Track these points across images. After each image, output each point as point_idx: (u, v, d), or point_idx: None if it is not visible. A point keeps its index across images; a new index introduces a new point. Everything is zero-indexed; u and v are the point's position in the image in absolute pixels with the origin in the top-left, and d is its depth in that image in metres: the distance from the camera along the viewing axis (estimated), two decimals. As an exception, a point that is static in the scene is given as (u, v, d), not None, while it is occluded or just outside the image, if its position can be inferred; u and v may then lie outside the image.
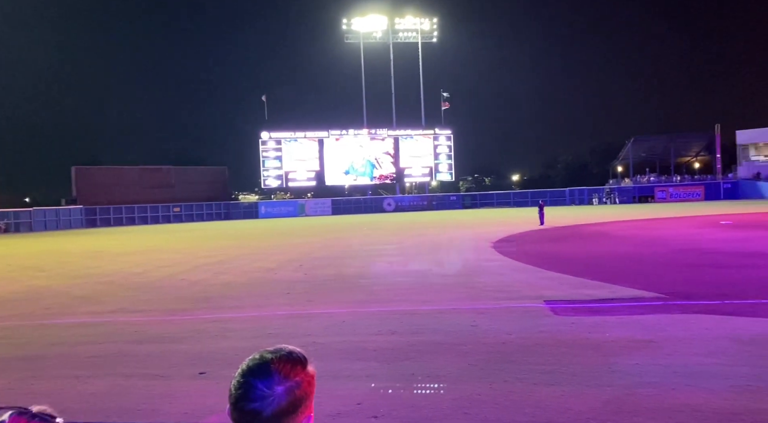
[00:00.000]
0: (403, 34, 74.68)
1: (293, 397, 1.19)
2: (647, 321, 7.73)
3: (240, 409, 1.19)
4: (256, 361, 1.23)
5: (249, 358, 1.25)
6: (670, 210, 44.31)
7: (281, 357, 1.24)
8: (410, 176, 76.46)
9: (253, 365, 1.23)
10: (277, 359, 1.23)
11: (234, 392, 1.21)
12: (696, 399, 4.74)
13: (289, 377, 1.21)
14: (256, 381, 1.19)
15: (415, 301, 9.90)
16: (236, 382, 1.22)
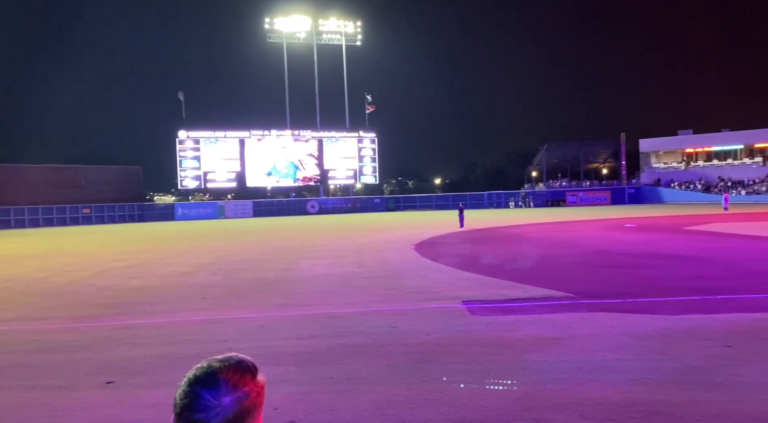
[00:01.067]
0: (327, 36, 74.45)
1: (241, 407, 1.15)
2: (557, 319, 8.11)
3: (185, 419, 1.14)
4: (204, 370, 1.18)
5: (196, 366, 1.20)
6: (580, 213, 46.74)
7: (230, 366, 1.19)
8: (334, 178, 76.28)
9: (200, 374, 1.18)
10: (225, 368, 1.18)
11: (179, 402, 1.16)
12: (599, 392, 5.03)
13: (237, 387, 1.16)
14: (202, 391, 1.15)
15: (336, 303, 9.89)
16: (182, 391, 1.17)
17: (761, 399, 4.75)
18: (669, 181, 76.30)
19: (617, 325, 7.57)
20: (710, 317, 7.78)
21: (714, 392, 4.92)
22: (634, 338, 6.88)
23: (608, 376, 5.47)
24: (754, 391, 4.95)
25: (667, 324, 7.51)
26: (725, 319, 7.67)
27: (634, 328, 7.42)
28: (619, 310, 8.62)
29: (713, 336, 6.77)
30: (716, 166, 75.44)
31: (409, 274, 13.54)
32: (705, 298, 9.20)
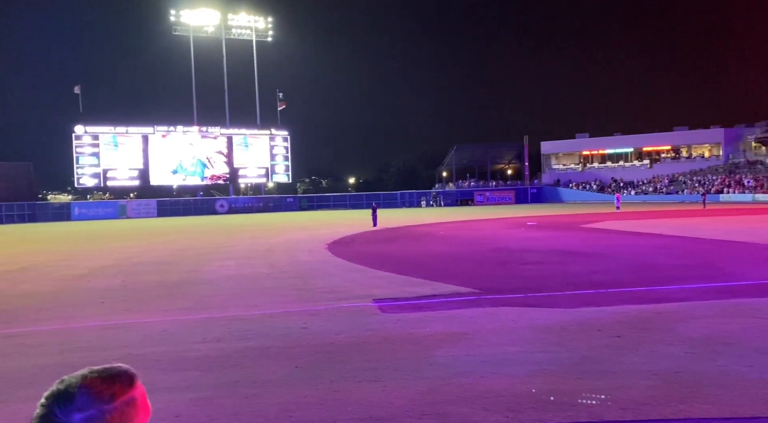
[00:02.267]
0: (236, 31, 72.49)
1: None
2: (463, 315, 8.37)
3: None
4: (63, 383, 1.06)
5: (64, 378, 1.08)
6: (487, 212, 48.54)
7: (94, 378, 1.06)
8: (245, 177, 74.47)
9: (56, 388, 1.05)
10: (87, 381, 1.05)
11: (33, 419, 1.04)
12: (500, 385, 5.24)
13: (96, 401, 1.03)
14: (54, 407, 1.02)
15: (244, 306, 9.65)
16: (38, 406, 1.04)
17: (645, 385, 5.13)
18: (567, 181, 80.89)
19: (519, 319, 7.92)
20: (602, 310, 8.33)
21: (604, 380, 5.27)
22: (535, 331, 7.23)
23: (510, 369, 5.71)
24: (640, 377, 5.34)
25: (563, 317, 7.96)
26: (615, 310, 8.24)
27: (535, 321, 7.79)
28: (521, 304, 9.03)
29: (604, 327, 7.25)
30: (609, 168, 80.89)
31: (321, 274, 13.47)
32: (598, 292, 9.83)
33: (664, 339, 6.66)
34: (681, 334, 6.87)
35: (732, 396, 4.79)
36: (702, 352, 6.09)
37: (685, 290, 9.80)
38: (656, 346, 6.34)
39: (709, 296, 9.16)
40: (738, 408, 4.53)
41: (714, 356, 5.92)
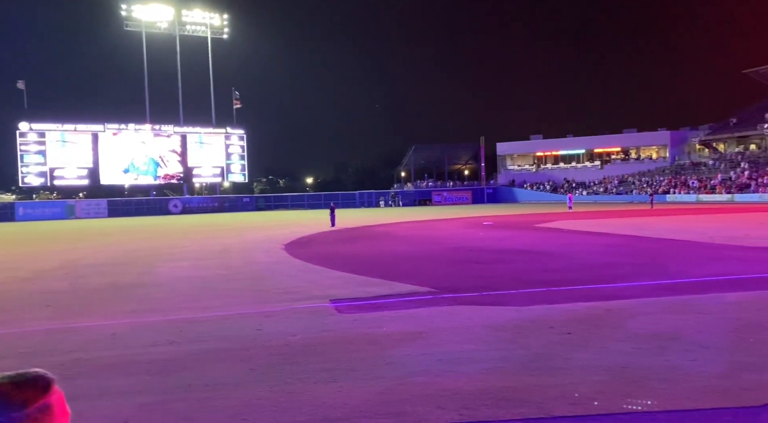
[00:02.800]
0: (191, 28, 71.01)
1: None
2: (420, 314, 8.42)
3: None
4: None
5: None
6: (444, 212, 49.02)
7: (5, 383, 1.01)
8: (200, 176, 73.05)
9: None
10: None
11: None
12: (456, 383, 5.29)
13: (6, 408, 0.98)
14: None
15: (198, 308, 9.45)
16: None
17: (594, 380, 5.27)
18: (522, 182, 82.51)
19: (474, 318, 8.03)
20: (554, 307, 8.52)
21: (555, 376, 5.39)
22: (489, 329, 7.33)
23: (465, 367, 5.77)
24: (589, 372, 5.49)
25: (517, 315, 8.10)
26: (566, 308, 8.44)
27: (490, 319, 7.90)
28: (477, 303, 9.14)
29: (556, 324, 7.42)
30: (562, 169, 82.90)
31: (277, 274, 13.32)
32: (550, 290, 10.05)
33: (613, 335, 6.86)
34: (629, 330, 7.09)
35: (676, 389, 4.97)
36: (649, 347, 6.29)
37: (634, 287, 10.12)
38: (605, 342, 6.52)
39: (657, 293, 9.48)
40: (681, 400, 4.70)
41: (660, 351, 6.13)
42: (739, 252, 14.70)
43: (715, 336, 6.65)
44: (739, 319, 7.43)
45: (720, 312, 7.90)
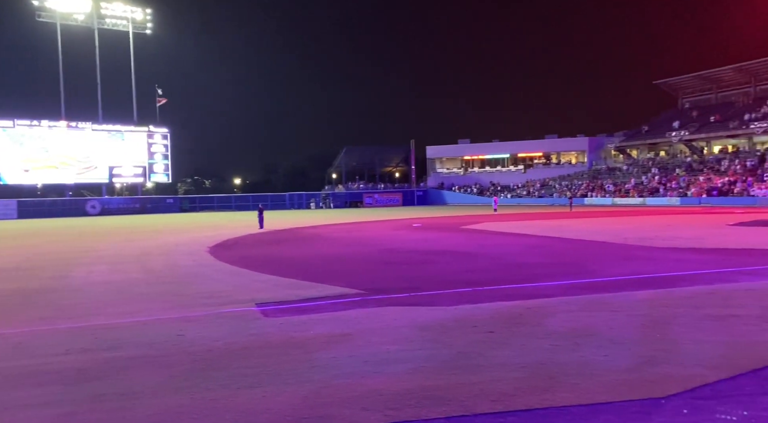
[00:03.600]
0: (111, 21, 67.84)
1: None
2: (347, 316, 8.40)
3: None
4: None
5: None
6: (375, 214, 49.30)
7: None
8: (120, 176, 69.88)
9: None
10: None
11: None
12: (381, 384, 5.31)
13: None
14: None
15: (115, 313, 9.02)
16: None
17: (514, 376, 5.45)
18: (451, 184, 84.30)
19: (401, 318, 8.10)
20: (477, 306, 8.74)
21: (477, 374, 5.52)
22: (416, 329, 7.42)
23: (391, 367, 5.81)
24: (509, 370, 5.66)
25: (442, 314, 8.25)
26: (490, 307, 8.68)
27: (416, 319, 8.00)
28: (404, 303, 9.24)
29: (479, 323, 7.61)
30: (488, 172, 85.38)
31: (201, 278, 12.92)
32: (475, 290, 10.30)
33: (533, 333, 7.11)
34: (548, 327, 7.37)
35: (589, 384, 5.21)
36: (565, 344, 6.57)
37: (553, 287, 10.54)
38: (525, 340, 6.75)
39: (574, 292, 9.91)
40: (594, 394, 4.93)
41: (575, 347, 6.41)
42: (649, 252, 15.63)
43: (625, 332, 7.03)
44: (647, 315, 7.89)
45: (631, 309, 8.35)
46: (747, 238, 18.92)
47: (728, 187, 50.66)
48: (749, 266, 12.26)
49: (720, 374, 5.32)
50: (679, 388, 4.99)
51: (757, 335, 6.67)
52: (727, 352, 6.06)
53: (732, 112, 62.90)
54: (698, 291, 9.61)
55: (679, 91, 73.82)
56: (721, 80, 68.28)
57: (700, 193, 51.87)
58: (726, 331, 6.93)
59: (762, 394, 4.82)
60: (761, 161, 53.76)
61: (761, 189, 47.11)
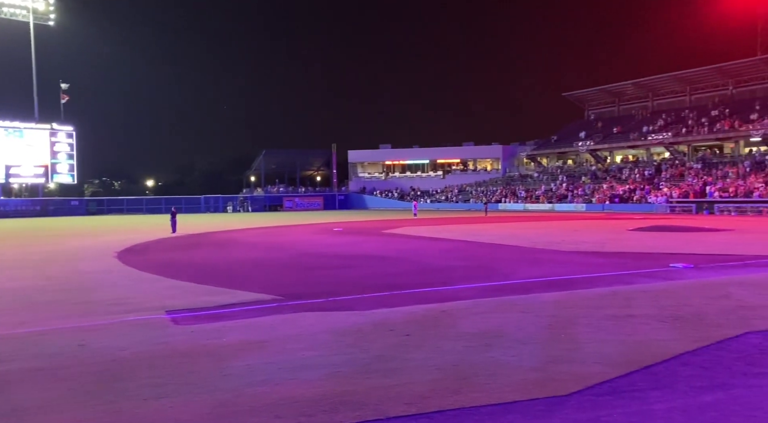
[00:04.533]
0: (8, 10, 63.14)
1: None
2: (263, 322, 8.24)
3: None
4: None
5: None
6: (295, 218, 48.77)
7: None
8: (19, 176, 65.12)
9: None
10: None
11: None
12: (296, 390, 5.24)
13: None
14: None
15: (9, 323, 8.36)
16: None
17: (428, 379, 5.54)
18: (372, 189, 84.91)
19: (318, 324, 8.04)
20: (395, 310, 8.83)
21: (392, 377, 5.57)
22: (332, 334, 7.39)
23: (305, 374, 5.75)
24: (424, 372, 5.75)
25: (360, 319, 8.27)
26: (407, 311, 8.79)
27: (333, 325, 7.97)
28: (322, 308, 9.18)
29: (396, 327, 7.69)
30: (409, 177, 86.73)
31: (106, 285, 12.25)
32: (393, 293, 10.41)
33: (448, 335, 7.27)
34: (462, 329, 7.57)
35: (499, 383, 5.39)
36: (477, 345, 6.76)
37: (468, 289, 10.84)
38: (440, 342, 6.89)
39: (486, 294, 10.24)
40: (503, 394, 5.11)
41: (487, 348, 6.62)
42: (556, 255, 16.43)
43: (533, 332, 7.33)
44: (553, 316, 8.27)
45: (539, 310, 8.73)
46: (644, 242, 20.32)
47: (628, 194, 54.19)
48: (645, 269, 13.16)
49: (618, 371, 5.66)
50: (581, 385, 5.26)
51: (651, 334, 7.16)
52: (624, 350, 6.46)
53: (632, 124, 67.42)
54: (600, 292, 10.20)
55: (585, 103, 78.27)
56: (623, 94, 73.06)
57: (603, 199, 55.15)
58: (624, 330, 7.39)
59: (653, 388, 5.18)
60: (657, 171, 57.95)
61: (657, 197, 50.74)
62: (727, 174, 49.64)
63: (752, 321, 7.68)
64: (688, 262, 13.80)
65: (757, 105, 55.97)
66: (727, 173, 49.77)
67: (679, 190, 49.78)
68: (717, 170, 51.62)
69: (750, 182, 45.49)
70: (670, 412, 4.60)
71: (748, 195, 43.72)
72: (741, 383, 5.28)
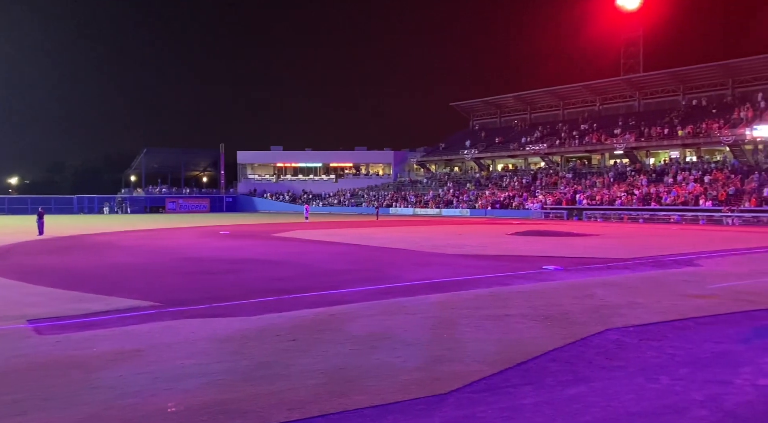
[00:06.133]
0: None
1: None
2: (139, 331, 7.78)
3: None
4: None
5: None
6: (179, 220, 46.60)
7: None
8: None
9: None
10: None
11: None
12: (173, 400, 4.99)
13: None
14: None
15: None
16: None
17: (313, 383, 5.51)
18: (263, 191, 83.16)
19: (199, 331, 7.73)
20: (282, 315, 8.70)
21: (276, 383, 5.48)
22: (215, 342, 7.13)
23: (185, 383, 5.50)
24: (309, 377, 5.71)
25: (245, 325, 8.06)
26: (294, 315, 8.70)
27: (216, 331, 7.70)
28: (204, 315, 8.84)
29: (282, 332, 7.58)
30: (301, 180, 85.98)
31: (-43, 292, 10.96)
32: (280, 298, 10.25)
33: (335, 338, 7.28)
34: (349, 332, 7.61)
35: (383, 384, 5.48)
36: (364, 347, 6.84)
37: (357, 292, 10.93)
38: (327, 346, 6.89)
39: (375, 297, 10.38)
40: (387, 395, 5.20)
41: (373, 351, 6.71)
42: (442, 258, 17.03)
43: (418, 333, 7.54)
44: (437, 317, 8.57)
45: (424, 312, 9.00)
46: (520, 246, 21.62)
47: (508, 200, 57.46)
48: (521, 271, 14.01)
49: (494, 369, 5.97)
50: (460, 383, 5.49)
51: (524, 333, 7.62)
52: (501, 348, 6.83)
53: (512, 135, 71.59)
54: (480, 293, 10.71)
55: (471, 113, 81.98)
56: (504, 106, 77.38)
57: (485, 205, 58.03)
58: (500, 329, 7.81)
59: (525, 384, 5.52)
60: (534, 179, 61.97)
61: (533, 203, 54.25)
62: (594, 183, 54.15)
63: (612, 318, 8.43)
64: (558, 265, 14.87)
65: (620, 121, 61.60)
66: (594, 182, 54.29)
67: (552, 198, 53.55)
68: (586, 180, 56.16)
69: (613, 191, 49.92)
70: (539, 405, 4.93)
71: (611, 203, 47.94)
72: (601, 376, 5.77)
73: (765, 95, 51.84)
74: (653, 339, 7.22)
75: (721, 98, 56.37)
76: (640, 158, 56.83)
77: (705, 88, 58.39)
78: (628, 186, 50.16)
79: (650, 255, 17.51)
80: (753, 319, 8.47)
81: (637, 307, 9.30)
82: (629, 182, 51.36)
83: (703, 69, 57.00)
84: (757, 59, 52.72)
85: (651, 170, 53.44)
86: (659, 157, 57.56)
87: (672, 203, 43.74)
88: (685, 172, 48.93)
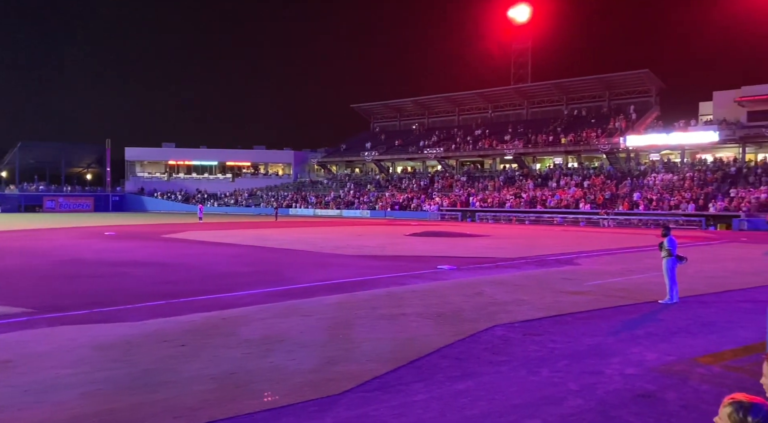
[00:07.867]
0: None
1: None
2: (8, 339, 7.13)
3: None
4: None
5: None
6: (59, 220, 43.18)
7: None
8: None
9: None
10: None
11: None
12: (42, 415, 4.62)
13: None
14: None
15: None
16: None
17: (202, 389, 5.32)
18: (153, 190, 79.01)
19: (78, 338, 7.21)
20: (170, 320, 8.32)
21: (161, 391, 5.23)
22: (95, 349, 6.69)
23: (58, 395, 5.11)
24: (198, 383, 5.51)
25: (130, 331, 7.62)
26: (184, 320, 8.34)
27: (97, 338, 7.22)
28: (85, 321, 8.26)
29: (171, 337, 7.24)
30: (195, 179, 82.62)
31: None
32: (169, 302, 9.79)
33: (227, 343, 7.07)
34: (242, 336, 7.42)
35: (277, 388, 5.40)
36: (257, 351, 6.70)
37: (251, 295, 10.68)
38: (218, 351, 6.67)
39: (270, 299, 10.20)
40: (281, 398, 5.13)
41: (267, 354, 6.59)
42: (341, 259, 17.07)
43: (314, 335, 7.51)
44: (333, 318, 8.58)
45: (321, 313, 8.98)
46: (417, 246, 22.17)
47: (407, 202, 58.73)
48: (417, 270, 14.37)
49: (387, 367, 6.07)
50: (353, 383, 5.53)
51: (418, 331, 7.83)
52: (395, 347, 6.96)
53: (411, 138, 73.27)
54: (376, 294, 10.86)
55: (371, 115, 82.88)
56: (404, 110, 78.99)
57: (385, 207, 58.91)
58: (395, 328, 7.96)
59: (416, 381, 5.66)
60: (431, 182, 63.80)
61: (430, 205, 55.85)
62: (486, 186, 56.70)
63: (499, 315, 8.86)
64: (452, 264, 15.42)
65: (510, 128, 64.98)
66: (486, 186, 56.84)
67: (448, 200, 55.42)
68: (479, 183, 58.65)
69: (503, 194, 52.56)
70: (429, 401, 5.08)
71: (502, 205, 50.43)
72: (487, 371, 6.05)
73: (636, 108, 56.93)
74: (536, 334, 7.68)
75: (599, 109, 61.12)
76: (527, 163, 60.32)
77: (585, 100, 63.03)
78: (517, 189, 53.02)
79: (535, 255, 18.61)
80: (623, 313, 9.25)
81: (523, 304, 9.84)
82: (518, 186, 54.31)
83: (583, 81, 61.48)
84: (630, 74, 57.73)
85: (537, 175, 56.83)
86: (545, 163, 61.41)
87: (556, 206, 46.77)
88: (567, 178, 52.53)
